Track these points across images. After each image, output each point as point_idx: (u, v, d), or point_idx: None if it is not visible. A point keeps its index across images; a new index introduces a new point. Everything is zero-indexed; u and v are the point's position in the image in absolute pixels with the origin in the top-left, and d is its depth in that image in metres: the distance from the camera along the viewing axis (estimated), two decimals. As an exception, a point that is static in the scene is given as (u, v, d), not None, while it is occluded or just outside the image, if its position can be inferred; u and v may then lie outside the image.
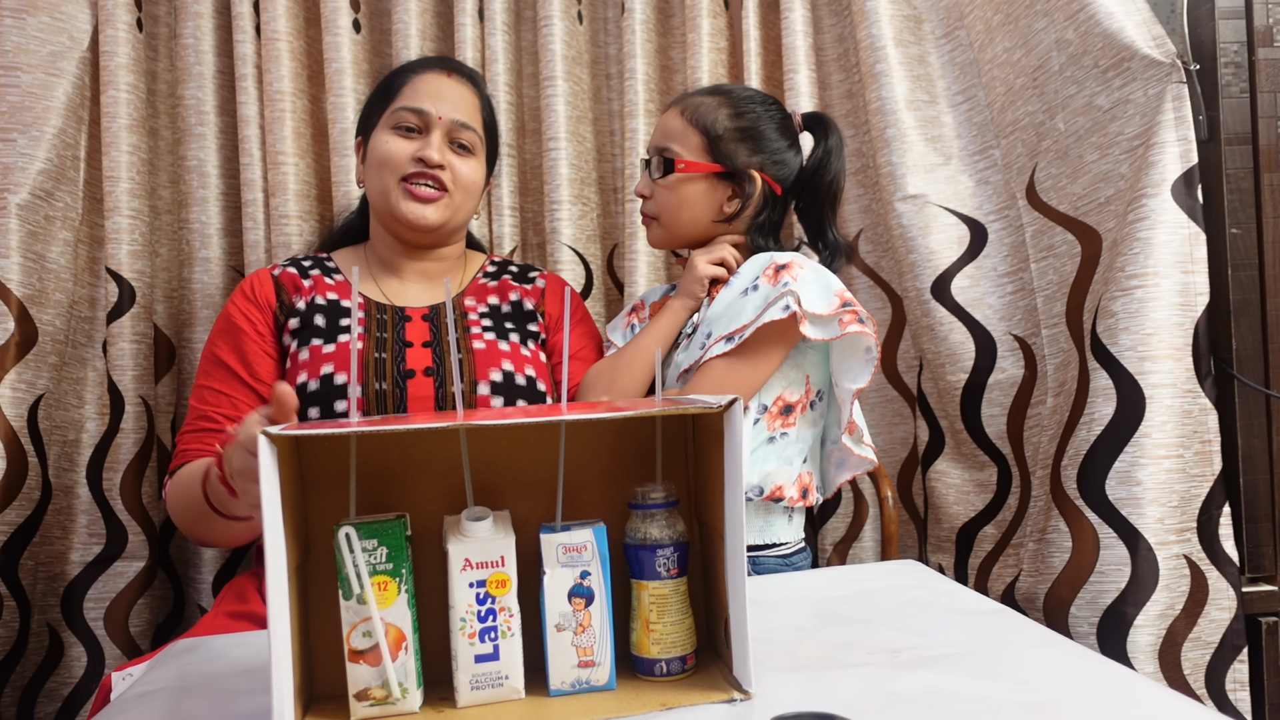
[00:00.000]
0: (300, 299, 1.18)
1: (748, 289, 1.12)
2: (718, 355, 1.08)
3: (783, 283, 1.07)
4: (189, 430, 1.12)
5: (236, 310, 1.17)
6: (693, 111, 1.17)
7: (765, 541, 1.14)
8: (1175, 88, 1.18)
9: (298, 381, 1.10)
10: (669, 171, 1.16)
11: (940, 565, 1.51)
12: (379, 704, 0.62)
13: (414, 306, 1.21)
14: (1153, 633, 1.15)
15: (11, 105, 1.34)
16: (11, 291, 1.31)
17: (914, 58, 1.48)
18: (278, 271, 1.21)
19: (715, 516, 0.68)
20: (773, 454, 1.13)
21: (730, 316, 1.11)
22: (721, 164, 1.16)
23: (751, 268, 1.15)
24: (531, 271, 1.32)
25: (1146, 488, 1.15)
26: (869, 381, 1.12)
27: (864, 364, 1.12)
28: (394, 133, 1.17)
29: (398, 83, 1.21)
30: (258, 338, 1.15)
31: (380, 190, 1.18)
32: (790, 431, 1.14)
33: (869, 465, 1.18)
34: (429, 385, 1.12)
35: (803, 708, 0.60)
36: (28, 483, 1.32)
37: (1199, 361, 1.17)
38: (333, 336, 1.14)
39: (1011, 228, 1.40)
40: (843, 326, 1.08)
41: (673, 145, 1.17)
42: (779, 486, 1.12)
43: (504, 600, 0.64)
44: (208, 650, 0.80)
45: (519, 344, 1.20)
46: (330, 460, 0.68)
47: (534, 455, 0.71)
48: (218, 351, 1.15)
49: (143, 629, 1.41)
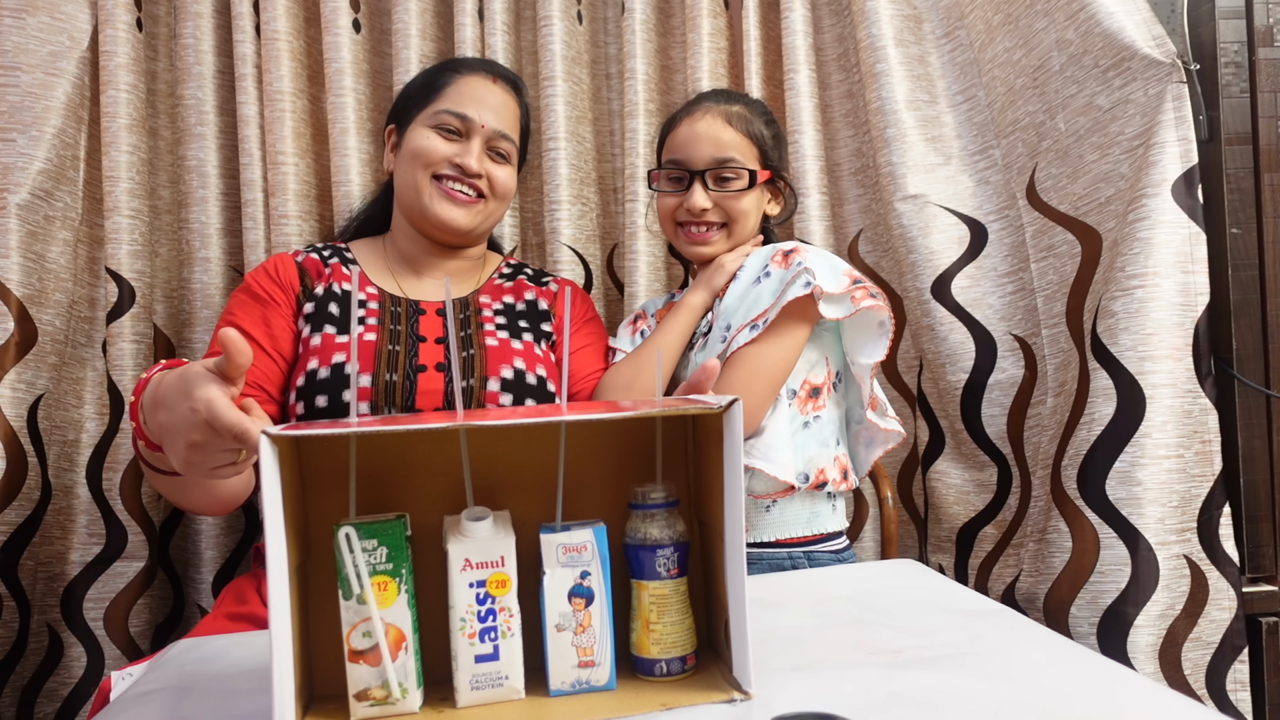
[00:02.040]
0: (320, 285, 1.17)
1: (759, 277, 1.14)
2: (746, 343, 1.09)
3: (795, 263, 1.11)
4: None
5: (259, 286, 1.15)
6: (740, 122, 1.20)
7: (814, 533, 1.15)
8: (1175, 87, 1.18)
9: (309, 367, 1.09)
10: (752, 185, 1.18)
11: (940, 565, 1.51)
12: (379, 704, 0.62)
13: (429, 300, 1.20)
14: (1153, 633, 1.15)
15: (11, 105, 1.34)
16: (11, 291, 1.31)
17: (914, 58, 1.48)
18: (301, 258, 1.20)
19: (715, 516, 0.68)
20: (811, 438, 1.15)
21: (748, 305, 1.13)
22: (771, 170, 1.22)
23: (757, 260, 1.18)
24: (546, 276, 1.32)
25: (1147, 488, 1.15)
26: (885, 354, 1.14)
27: (878, 338, 1.14)
28: (435, 131, 1.16)
29: (441, 80, 1.20)
30: (279, 309, 1.14)
31: (412, 185, 1.17)
32: (822, 414, 1.16)
33: (898, 438, 1.20)
34: (439, 380, 1.12)
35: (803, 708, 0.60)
36: (27, 483, 1.32)
37: (1199, 361, 1.17)
38: (347, 327, 1.13)
39: (1012, 228, 1.40)
40: (856, 303, 1.10)
41: (737, 156, 1.18)
42: (821, 470, 1.14)
43: (504, 600, 0.64)
44: (208, 650, 0.80)
45: (532, 343, 1.19)
46: (330, 460, 0.68)
47: (534, 455, 0.71)
48: (238, 321, 1.11)
49: (142, 629, 1.41)
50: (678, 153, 1.21)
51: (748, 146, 1.19)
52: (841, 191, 1.60)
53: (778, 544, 1.14)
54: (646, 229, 1.52)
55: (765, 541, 1.14)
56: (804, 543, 1.15)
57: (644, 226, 1.52)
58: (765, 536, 1.14)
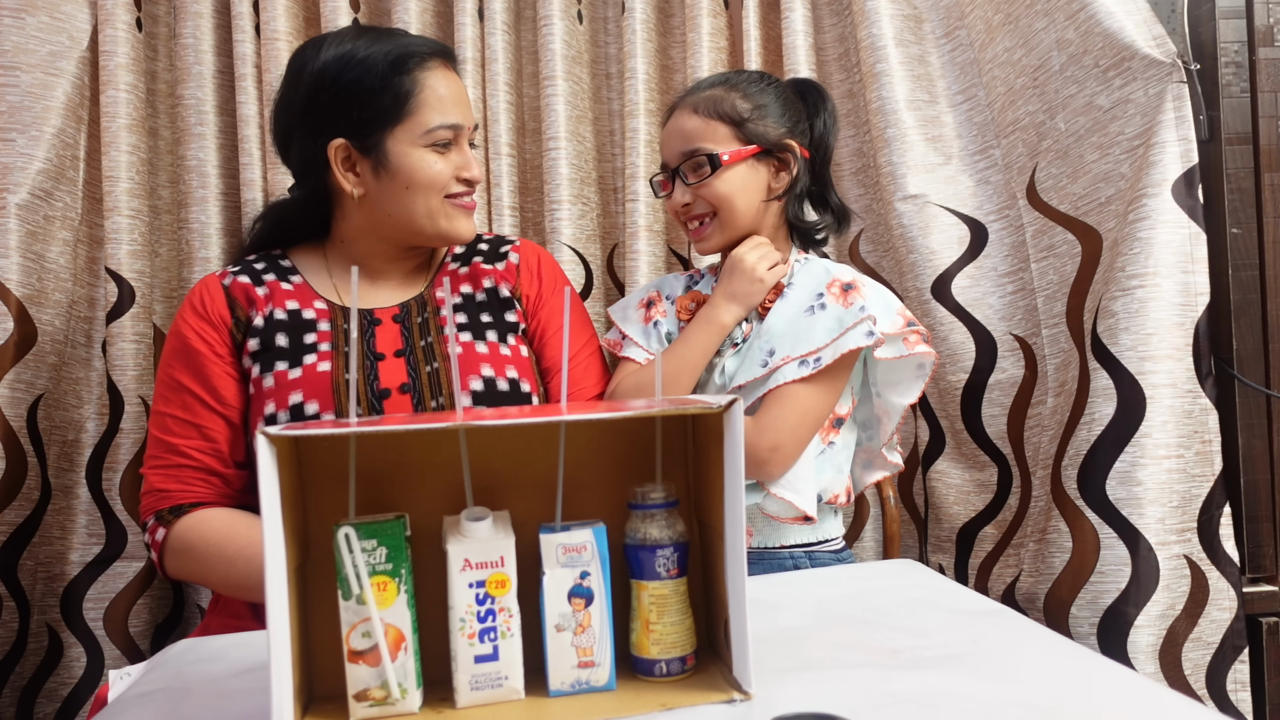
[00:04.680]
0: (256, 313, 1.08)
1: (814, 306, 1.10)
2: (794, 380, 1.06)
3: (858, 305, 1.07)
4: (160, 466, 1.04)
5: (190, 330, 1.07)
6: (708, 105, 1.15)
7: (817, 539, 1.16)
8: (1176, 87, 1.18)
9: (265, 412, 1.03)
10: (716, 168, 1.12)
11: (940, 565, 1.51)
12: (378, 704, 0.62)
13: (382, 307, 1.12)
14: (1153, 633, 1.15)
15: (11, 105, 1.34)
16: (11, 291, 1.31)
17: (914, 57, 1.48)
18: (228, 281, 1.10)
19: (715, 516, 0.68)
20: (827, 464, 1.14)
21: (797, 335, 1.08)
22: (758, 143, 1.14)
23: (809, 280, 1.13)
24: (503, 246, 1.21)
25: (1147, 488, 1.15)
26: (919, 396, 1.14)
27: (915, 379, 1.13)
28: (431, 151, 1.06)
29: (403, 85, 1.05)
30: (217, 359, 1.06)
31: (423, 211, 1.07)
32: (837, 441, 1.15)
33: (897, 469, 1.21)
34: (406, 403, 1.05)
35: (803, 708, 0.60)
36: (27, 483, 1.32)
37: (1199, 361, 1.17)
38: (298, 359, 1.05)
39: (1012, 228, 1.40)
40: (909, 346, 1.09)
41: (703, 144, 1.13)
42: (835, 495, 1.15)
43: (503, 600, 0.64)
44: (207, 651, 0.80)
45: (497, 343, 1.12)
46: (330, 460, 0.68)
47: (534, 455, 0.71)
48: (176, 375, 1.06)
49: (142, 629, 1.41)
50: (661, 154, 1.22)
51: (716, 128, 1.13)
52: (842, 191, 1.60)
53: (780, 547, 1.14)
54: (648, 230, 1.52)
55: (768, 546, 1.14)
56: (806, 546, 1.15)
57: (645, 227, 1.52)
58: (769, 543, 1.14)
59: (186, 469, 1.04)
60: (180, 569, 1.03)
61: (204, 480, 1.04)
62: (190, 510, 1.02)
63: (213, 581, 1.04)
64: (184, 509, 1.02)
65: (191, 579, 1.05)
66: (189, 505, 1.03)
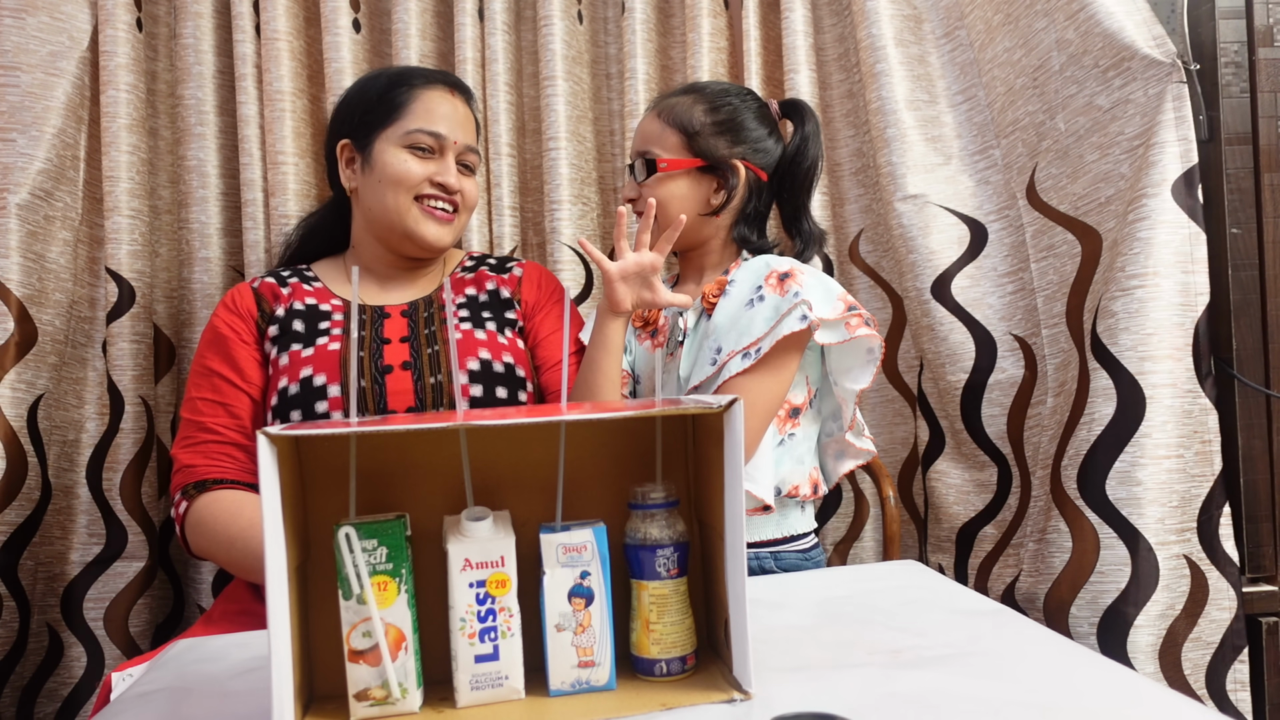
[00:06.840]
0: (280, 306, 1.19)
1: (753, 299, 1.11)
2: (739, 373, 1.08)
3: (792, 292, 1.08)
4: (189, 444, 1.12)
5: (221, 322, 1.18)
6: (669, 112, 1.18)
7: (784, 534, 1.16)
8: (1175, 87, 1.18)
9: (279, 386, 1.12)
10: (651, 172, 1.17)
11: (940, 565, 1.51)
12: (379, 704, 0.62)
13: (393, 304, 1.22)
14: (1153, 633, 1.15)
15: (11, 105, 1.34)
16: (11, 291, 1.31)
17: (914, 57, 1.48)
18: (257, 284, 1.22)
19: (715, 516, 0.68)
20: (786, 456, 1.15)
21: (740, 330, 1.10)
22: (701, 158, 1.17)
23: (749, 275, 1.14)
24: (510, 263, 1.32)
25: (1147, 488, 1.15)
26: (871, 382, 1.13)
27: (865, 365, 1.14)
28: (408, 152, 1.16)
29: (400, 97, 1.18)
30: (243, 344, 1.16)
31: (392, 207, 1.17)
32: (797, 431, 1.16)
33: (869, 456, 1.21)
34: (407, 379, 1.14)
35: (803, 708, 0.60)
36: (27, 483, 1.32)
37: (1199, 361, 1.17)
38: (311, 340, 1.15)
39: (1012, 228, 1.40)
40: (850, 330, 1.10)
41: (652, 148, 1.18)
42: (795, 486, 1.15)
43: (504, 600, 0.64)
44: (207, 651, 0.80)
45: (495, 332, 1.20)
46: (330, 460, 0.68)
47: (534, 455, 0.71)
48: (208, 363, 1.16)
49: (142, 629, 1.41)
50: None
51: (668, 135, 1.17)
52: (842, 191, 1.60)
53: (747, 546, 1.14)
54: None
55: None
56: (772, 544, 1.15)
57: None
58: None
59: (212, 444, 1.11)
60: (197, 544, 1.09)
61: (229, 455, 1.11)
62: (212, 488, 1.08)
63: (220, 560, 1.09)
64: (207, 485, 1.08)
65: (207, 556, 1.11)
66: (212, 481, 1.08)
